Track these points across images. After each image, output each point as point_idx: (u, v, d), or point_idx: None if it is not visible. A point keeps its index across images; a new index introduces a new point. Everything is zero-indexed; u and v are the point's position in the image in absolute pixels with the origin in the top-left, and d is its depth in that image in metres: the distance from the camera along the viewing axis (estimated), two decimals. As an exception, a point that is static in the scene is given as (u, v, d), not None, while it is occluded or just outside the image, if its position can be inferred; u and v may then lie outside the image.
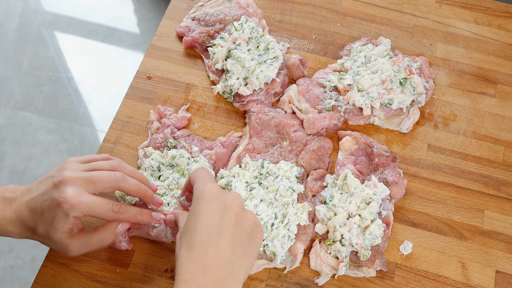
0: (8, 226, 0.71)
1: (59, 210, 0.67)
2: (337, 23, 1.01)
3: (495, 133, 0.90)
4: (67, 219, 0.68)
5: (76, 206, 0.67)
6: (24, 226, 0.71)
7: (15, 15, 2.15)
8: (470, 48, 0.99)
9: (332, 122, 0.88)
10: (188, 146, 0.86)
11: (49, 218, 0.69)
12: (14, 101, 1.95)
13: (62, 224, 0.68)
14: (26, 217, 0.70)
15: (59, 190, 0.68)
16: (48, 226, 0.69)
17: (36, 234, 0.71)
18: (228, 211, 0.63)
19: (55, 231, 0.69)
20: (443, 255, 0.80)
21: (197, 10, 1.01)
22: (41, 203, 0.69)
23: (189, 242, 0.61)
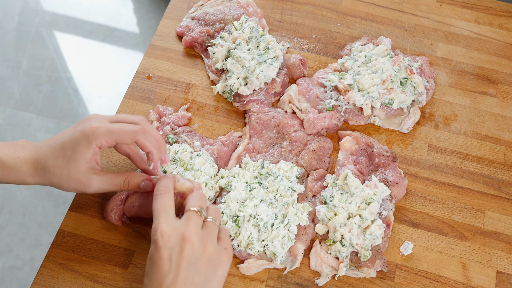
0: (21, 165, 0.71)
1: (81, 138, 0.69)
2: (338, 23, 1.01)
3: (496, 133, 0.90)
4: (90, 147, 0.69)
5: (99, 132, 0.69)
6: (39, 164, 0.71)
7: (14, 14, 2.15)
8: (471, 48, 0.99)
9: (333, 122, 0.88)
10: (190, 141, 0.86)
11: (69, 150, 0.69)
12: (14, 101, 1.95)
13: (83, 154, 0.69)
14: (43, 154, 0.71)
15: (82, 124, 0.70)
16: (68, 160, 0.70)
17: (51, 174, 0.71)
18: (178, 258, 0.64)
19: (76, 163, 0.69)
20: (443, 255, 0.80)
21: (197, 10, 1.01)
22: (62, 138, 0.71)
23: (146, 286, 0.65)
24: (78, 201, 0.82)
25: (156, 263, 0.64)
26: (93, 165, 0.72)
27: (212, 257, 0.66)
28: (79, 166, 0.70)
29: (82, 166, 0.71)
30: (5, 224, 1.72)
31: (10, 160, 0.71)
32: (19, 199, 1.76)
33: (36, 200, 1.76)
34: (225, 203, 0.80)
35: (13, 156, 0.72)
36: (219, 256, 0.67)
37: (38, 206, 1.75)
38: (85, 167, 0.71)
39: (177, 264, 0.64)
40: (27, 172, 0.72)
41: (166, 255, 0.64)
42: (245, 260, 0.78)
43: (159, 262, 0.64)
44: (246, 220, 0.78)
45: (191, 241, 0.65)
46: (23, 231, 1.71)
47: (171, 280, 0.63)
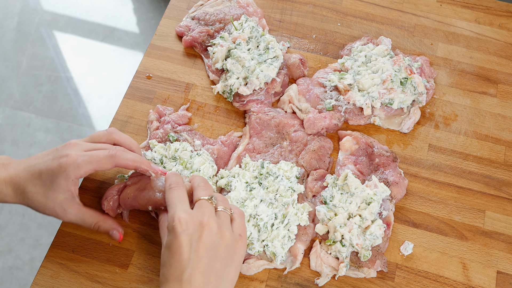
0: (2, 186, 0.72)
1: (58, 170, 0.70)
2: (338, 23, 1.01)
3: (496, 133, 0.90)
4: (68, 179, 0.70)
5: (76, 164, 0.70)
6: (18, 188, 0.72)
7: (14, 14, 2.15)
8: (471, 48, 0.99)
9: (333, 122, 0.88)
10: (190, 139, 0.86)
11: (47, 180, 0.70)
12: (13, 101, 1.95)
13: (61, 185, 0.70)
14: (22, 179, 0.72)
15: (60, 153, 0.71)
16: (46, 189, 0.71)
17: (29, 199, 0.72)
18: (198, 244, 0.64)
19: (54, 194, 0.70)
20: (444, 255, 0.80)
21: (196, 10, 1.01)
22: (39, 166, 0.71)
23: (165, 276, 0.64)
24: (78, 201, 0.82)
25: (175, 251, 0.64)
26: (70, 196, 0.73)
27: (229, 243, 0.67)
28: (56, 196, 0.71)
29: (59, 197, 0.72)
30: (4, 224, 1.72)
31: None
32: (18, 199, 1.76)
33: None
34: (225, 203, 0.79)
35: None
36: (235, 243, 0.67)
37: (37, 206, 1.75)
38: (62, 198, 0.72)
39: (197, 250, 0.64)
40: (8, 194, 0.73)
41: (186, 241, 0.64)
42: (245, 260, 0.78)
43: (179, 249, 0.64)
44: (246, 220, 0.78)
45: (210, 227, 0.65)
46: (22, 231, 1.71)
47: (192, 267, 0.63)
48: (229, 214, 0.70)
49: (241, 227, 0.69)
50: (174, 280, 0.63)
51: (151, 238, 0.80)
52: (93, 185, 0.84)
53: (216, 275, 0.65)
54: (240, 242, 0.68)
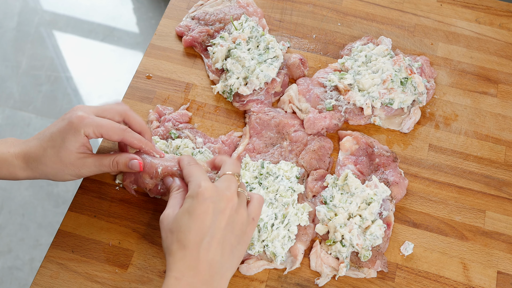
0: (12, 159, 0.73)
1: (69, 127, 0.71)
2: (338, 22, 1.01)
3: (497, 133, 0.90)
4: (78, 136, 0.71)
5: (86, 122, 0.71)
6: (30, 158, 0.72)
7: (13, 14, 2.14)
8: (472, 48, 0.98)
9: (333, 122, 0.88)
10: (192, 137, 0.86)
11: (58, 140, 0.71)
12: (13, 101, 1.94)
13: (73, 142, 0.71)
14: (32, 147, 0.72)
15: (69, 114, 0.72)
16: (58, 149, 0.71)
17: (42, 164, 0.72)
18: (220, 215, 0.65)
19: (67, 152, 0.71)
20: (444, 255, 0.80)
21: (196, 9, 1.01)
22: (49, 130, 0.72)
23: (182, 242, 0.64)
24: (78, 201, 0.82)
25: (199, 216, 0.64)
26: (83, 151, 0.73)
27: (244, 222, 0.68)
28: (70, 153, 0.72)
29: (72, 153, 0.72)
30: (4, 224, 1.72)
31: (1, 155, 0.72)
32: (18, 199, 1.76)
33: (35, 200, 1.76)
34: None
35: (3, 151, 0.73)
36: (248, 224, 0.69)
37: (37, 206, 1.75)
38: (76, 154, 0.73)
39: (219, 220, 0.65)
40: (18, 166, 0.73)
41: (210, 208, 0.65)
42: (245, 261, 0.77)
43: (203, 215, 0.64)
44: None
45: (233, 201, 0.67)
46: (22, 231, 1.71)
47: (211, 234, 0.64)
48: (246, 196, 0.71)
49: (256, 211, 0.70)
50: (192, 246, 0.63)
51: (151, 238, 0.79)
52: (93, 185, 0.84)
53: (230, 249, 0.66)
54: (251, 224, 0.69)
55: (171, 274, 0.63)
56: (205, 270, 0.63)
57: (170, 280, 0.62)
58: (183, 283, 0.62)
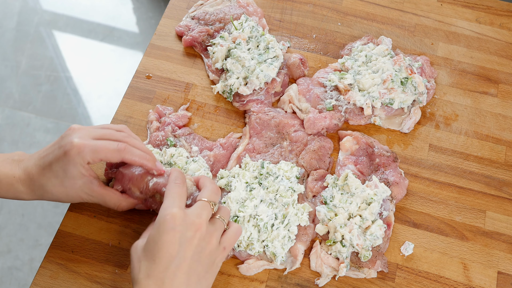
0: (18, 185, 0.72)
1: (67, 159, 0.70)
2: (338, 22, 1.01)
3: (497, 133, 0.90)
4: (77, 166, 0.70)
5: (83, 149, 0.69)
6: (34, 185, 0.72)
7: (13, 14, 2.14)
8: (472, 48, 0.98)
9: (333, 122, 0.88)
10: (188, 146, 0.85)
11: (60, 171, 0.71)
12: (13, 101, 1.94)
13: (74, 172, 0.70)
14: (35, 175, 0.72)
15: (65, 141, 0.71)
16: (61, 179, 0.71)
17: (48, 193, 0.72)
18: (187, 244, 0.64)
19: (70, 181, 0.71)
20: (444, 256, 0.79)
21: (196, 9, 1.01)
22: (48, 157, 0.71)
23: (147, 270, 0.63)
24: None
25: (164, 245, 0.63)
26: (88, 180, 0.73)
27: (213, 252, 0.67)
28: (74, 183, 0.72)
29: (77, 182, 0.72)
30: (4, 225, 1.72)
31: (6, 178, 0.72)
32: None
33: (35, 200, 1.76)
34: (225, 203, 0.79)
35: (8, 175, 0.72)
36: (218, 253, 0.68)
37: (37, 207, 1.75)
38: (80, 183, 0.72)
39: (185, 250, 0.64)
40: (24, 192, 0.73)
41: (176, 238, 0.63)
42: (245, 261, 0.77)
43: (168, 244, 0.63)
44: (246, 221, 0.78)
45: (202, 230, 0.65)
46: (22, 231, 1.71)
47: (177, 264, 0.63)
48: (224, 225, 0.69)
49: (230, 240, 0.69)
50: (156, 276, 0.63)
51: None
52: (93, 185, 0.83)
53: (197, 279, 0.65)
54: (221, 254, 0.68)
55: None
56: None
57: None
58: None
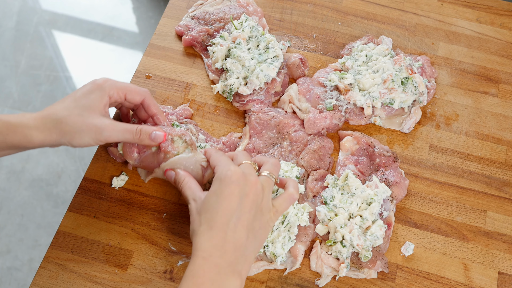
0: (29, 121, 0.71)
1: (94, 88, 0.73)
2: (338, 22, 1.01)
3: (498, 133, 0.90)
4: (103, 95, 0.73)
5: (111, 83, 0.74)
6: (49, 117, 0.71)
7: (12, 13, 2.14)
8: (472, 47, 0.98)
9: (333, 122, 0.88)
10: (195, 132, 0.85)
11: (82, 100, 0.72)
12: (12, 101, 1.94)
13: (97, 101, 0.72)
14: (53, 109, 0.72)
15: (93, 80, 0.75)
16: (81, 108, 0.72)
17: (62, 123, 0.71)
18: (246, 198, 0.67)
19: (90, 110, 0.72)
20: (445, 256, 0.79)
21: (196, 9, 1.00)
22: (72, 94, 0.74)
23: (209, 222, 0.65)
24: (77, 202, 0.82)
25: (226, 198, 0.66)
26: (106, 114, 0.74)
27: (265, 211, 0.69)
28: (93, 112, 0.73)
29: (95, 112, 0.73)
30: (3, 225, 1.71)
31: (16, 118, 0.71)
32: (17, 200, 1.76)
33: (34, 200, 1.76)
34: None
35: (18, 116, 0.72)
36: (270, 215, 0.70)
37: (36, 207, 1.75)
38: (99, 113, 0.73)
39: (244, 203, 0.67)
40: (35, 127, 0.70)
41: (237, 191, 0.67)
42: (245, 261, 0.77)
43: (230, 196, 0.66)
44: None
45: (256, 186, 0.68)
46: (21, 231, 1.71)
47: (238, 217, 0.66)
48: (273, 180, 0.72)
49: (281, 206, 0.71)
50: (219, 227, 0.65)
51: (150, 238, 0.79)
52: (93, 185, 0.83)
53: (253, 234, 0.67)
54: (273, 216, 0.70)
55: (198, 254, 0.64)
56: (231, 251, 0.65)
57: (198, 260, 0.63)
58: (210, 263, 0.63)
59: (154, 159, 0.77)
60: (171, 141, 0.76)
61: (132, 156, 0.78)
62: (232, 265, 0.64)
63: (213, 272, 0.63)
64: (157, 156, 0.77)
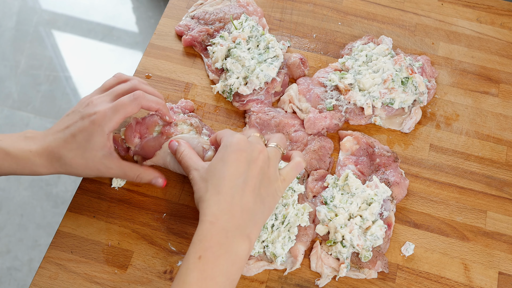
0: (35, 159, 0.73)
1: (93, 128, 0.72)
2: (338, 22, 1.01)
3: (498, 133, 0.90)
4: (104, 135, 0.72)
5: (108, 117, 0.72)
6: (53, 157, 0.73)
7: (12, 13, 2.14)
8: (473, 47, 0.98)
9: (333, 122, 0.88)
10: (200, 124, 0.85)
11: (82, 141, 0.72)
12: (12, 101, 1.94)
13: (98, 142, 0.72)
14: (55, 147, 0.72)
15: (88, 111, 0.73)
16: (83, 150, 0.72)
17: (67, 165, 0.73)
18: (253, 164, 0.67)
19: (92, 153, 0.72)
20: (445, 256, 0.79)
21: (196, 9, 1.00)
22: (70, 129, 0.73)
23: (216, 187, 0.65)
24: (77, 202, 0.82)
25: (233, 163, 0.66)
26: (108, 152, 0.74)
27: (273, 179, 0.69)
28: (95, 155, 0.73)
29: (98, 154, 0.73)
30: (3, 225, 1.71)
31: (22, 153, 0.72)
32: (17, 200, 1.76)
33: (34, 200, 1.76)
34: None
35: (24, 150, 0.72)
36: (278, 183, 0.70)
37: (36, 207, 1.75)
38: (101, 155, 0.73)
39: (252, 168, 0.67)
40: (41, 165, 0.73)
41: (243, 156, 0.67)
42: (245, 261, 0.77)
43: (237, 162, 0.66)
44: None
45: (264, 154, 0.69)
46: (21, 231, 1.70)
47: (244, 181, 0.66)
48: (280, 152, 0.72)
49: (288, 174, 0.71)
50: (226, 191, 0.65)
51: (150, 239, 0.79)
52: (92, 185, 0.83)
53: (261, 199, 0.67)
54: (281, 185, 0.70)
55: (206, 219, 0.64)
56: (239, 215, 0.64)
57: (205, 225, 0.63)
58: (217, 227, 0.63)
59: (156, 142, 0.79)
60: (175, 125, 0.79)
61: (134, 141, 0.80)
62: (240, 228, 0.64)
63: (221, 235, 0.63)
64: (159, 139, 0.79)
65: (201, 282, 0.61)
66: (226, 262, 0.62)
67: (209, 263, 0.62)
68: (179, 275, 0.62)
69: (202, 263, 0.61)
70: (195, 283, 0.60)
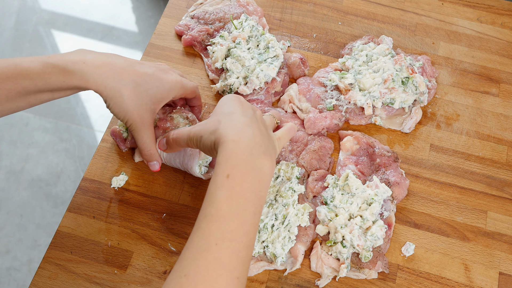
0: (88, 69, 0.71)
1: (165, 89, 0.75)
2: (338, 22, 1.00)
3: (499, 133, 0.90)
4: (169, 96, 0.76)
5: (181, 85, 0.78)
6: (115, 71, 0.72)
7: (11, 13, 2.14)
8: (473, 47, 0.98)
9: (333, 122, 0.87)
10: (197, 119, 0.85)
11: (150, 82, 0.74)
12: (11, 100, 1.93)
13: (161, 98, 0.75)
14: (120, 64, 0.73)
15: (168, 73, 0.77)
16: (145, 89, 0.74)
17: (119, 92, 0.72)
18: (251, 117, 0.68)
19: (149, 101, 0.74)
20: (445, 256, 0.79)
21: (196, 8, 1.00)
22: (147, 67, 0.76)
23: (229, 116, 0.67)
24: (77, 202, 0.81)
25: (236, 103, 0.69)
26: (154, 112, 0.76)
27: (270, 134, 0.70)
28: (148, 104, 0.74)
29: (149, 107, 0.75)
30: (2, 225, 1.71)
31: (72, 65, 0.70)
32: (16, 200, 1.75)
33: (34, 200, 1.75)
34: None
35: (76, 61, 0.71)
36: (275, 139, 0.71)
37: (36, 207, 1.74)
38: (150, 110, 0.75)
39: (253, 120, 0.67)
40: (91, 78, 0.72)
41: (244, 102, 0.70)
42: (245, 262, 0.77)
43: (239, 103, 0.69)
44: (246, 221, 0.77)
45: (259, 111, 0.71)
46: (20, 232, 1.70)
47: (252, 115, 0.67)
48: (275, 121, 0.75)
49: (283, 134, 0.73)
50: (240, 113, 0.67)
51: (150, 239, 0.79)
52: (92, 185, 0.83)
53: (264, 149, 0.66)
54: (278, 142, 0.71)
55: (228, 138, 0.64)
56: (258, 133, 0.66)
57: (228, 145, 0.63)
58: (241, 145, 0.63)
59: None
60: (170, 118, 0.81)
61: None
62: (262, 146, 0.65)
63: (245, 152, 0.63)
64: (156, 132, 0.80)
65: (231, 199, 0.61)
66: (253, 179, 0.62)
67: (237, 180, 0.61)
68: (208, 195, 0.62)
69: (230, 181, 0.61)
70: (225, 200, 0.60)
